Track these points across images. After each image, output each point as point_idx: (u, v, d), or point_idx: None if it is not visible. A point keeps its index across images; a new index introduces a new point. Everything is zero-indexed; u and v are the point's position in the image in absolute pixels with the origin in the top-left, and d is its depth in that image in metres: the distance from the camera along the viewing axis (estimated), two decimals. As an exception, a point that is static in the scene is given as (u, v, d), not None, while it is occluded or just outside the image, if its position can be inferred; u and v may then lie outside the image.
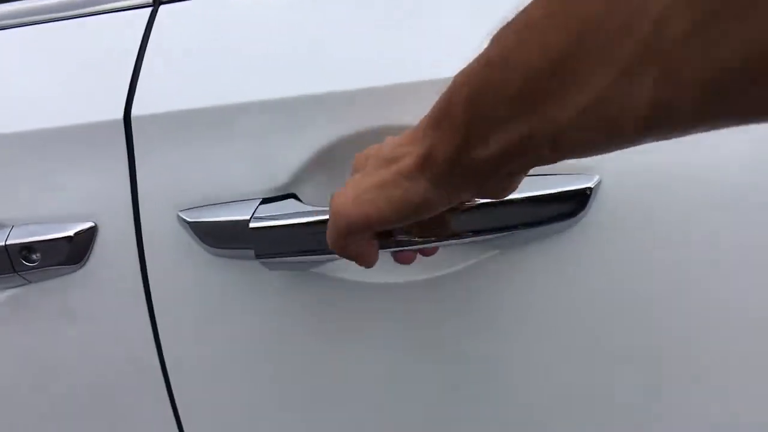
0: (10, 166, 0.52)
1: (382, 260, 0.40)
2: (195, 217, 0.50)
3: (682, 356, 0.50)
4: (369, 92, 0.48)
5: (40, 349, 0.55)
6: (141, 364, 0.54)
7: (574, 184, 0.46)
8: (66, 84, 0.53)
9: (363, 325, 0.53)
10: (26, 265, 0.52)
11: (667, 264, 0.48)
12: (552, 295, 0.50)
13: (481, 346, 0.52)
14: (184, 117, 0.50)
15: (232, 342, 0.54)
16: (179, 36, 0.54)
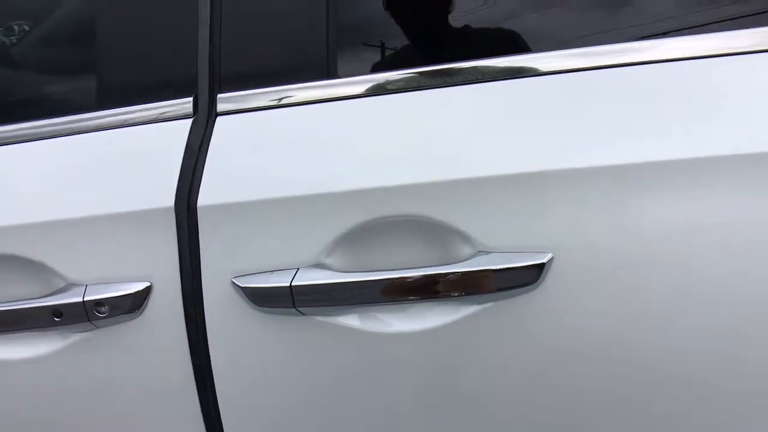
0: (83, 241, 0.62)
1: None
2: (246, 282, 0.59)
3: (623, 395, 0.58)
4: (365, 192, 0.57)
5: (104, 380, 0.65)
6: (178, 396, 0.64)
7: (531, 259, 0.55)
8: (129, 179, 0.64)
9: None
10: (98, 316, 0.61)
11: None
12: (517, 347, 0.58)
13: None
14: (237, 206, 0.60)
15: (270, 377, 0.63)
16: (233, 138, 0.64)
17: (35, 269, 0.63)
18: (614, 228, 0.54)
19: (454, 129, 0.58)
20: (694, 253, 0.53)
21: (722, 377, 0.55)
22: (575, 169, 0.54)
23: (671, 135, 0.54)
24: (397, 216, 0.57)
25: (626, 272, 0.54)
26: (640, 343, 0.55)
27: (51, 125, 0.68)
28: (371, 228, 0.58)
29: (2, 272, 0.64)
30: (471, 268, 0.55)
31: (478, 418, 0.60)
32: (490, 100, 0.59)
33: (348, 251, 0.59)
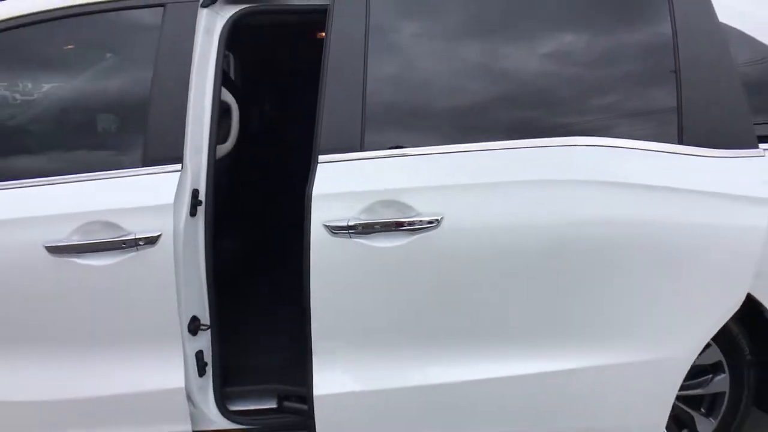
0: (135, 216, 1.52)
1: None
2: (330, 223, 1.47)
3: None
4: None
5: (141, 276, 1.53)
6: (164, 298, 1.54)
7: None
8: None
9: None
10: (139, 245, 1.52)
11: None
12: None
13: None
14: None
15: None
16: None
17: (114, 227, 1.51)
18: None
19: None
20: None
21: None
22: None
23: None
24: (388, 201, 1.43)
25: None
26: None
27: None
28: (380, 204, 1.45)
29: (101, 227, 1.51)
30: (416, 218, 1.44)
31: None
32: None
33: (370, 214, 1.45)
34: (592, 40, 1.59)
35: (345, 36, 1.56)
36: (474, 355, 1.56)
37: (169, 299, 1.55)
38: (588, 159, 1.50)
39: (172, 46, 1.60)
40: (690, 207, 1.49)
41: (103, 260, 1.52)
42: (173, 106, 1.58)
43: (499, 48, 1.60)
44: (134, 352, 1.59)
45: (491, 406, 1.60)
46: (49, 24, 1.65)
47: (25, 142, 1.67)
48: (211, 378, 1.71)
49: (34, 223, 1.51)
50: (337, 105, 1.53)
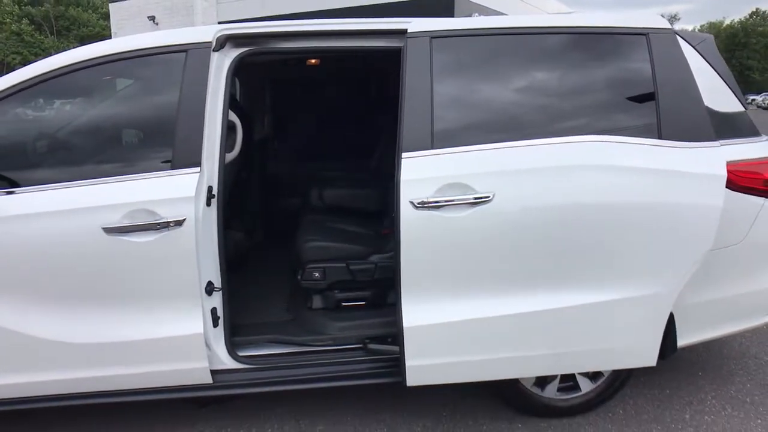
0: (167, 205, 2.11)
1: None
2: (416, 200, 2.06)
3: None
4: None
5: (170, 251, 2.12)
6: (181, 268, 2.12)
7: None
8: None
9: None
10: (170, 226, 2.10)
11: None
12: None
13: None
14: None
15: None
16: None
17: (152, 213, 2.08)
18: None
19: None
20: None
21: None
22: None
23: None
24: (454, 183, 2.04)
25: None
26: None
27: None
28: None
29: (143, 213, 2.08)
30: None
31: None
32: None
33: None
34: (598, 75, 2.29)
35: (416, 69, 2.15)
36: (517, 294, 2.12)
37: (191, 266, 2.11)
38: (596, 150, 2.09)
39: (193, 80, 2.18)
40: (669, 181, 2.09)
41: (144, 237, 2.09)
42: (193, 124, 2.15)
43: (531, 76, 2.25)
44: (166, 307, 2.15)
45: (532, 332, 2.17)
46: (106, 65, 2.24)
47: (84, 151, 2.26)
48: (222, 329, 2.27)
49: (93, 211, 2.09)
50: (412, 118, 2.11)
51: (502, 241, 2.09)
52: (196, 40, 2.21)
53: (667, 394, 2.73)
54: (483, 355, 2.18)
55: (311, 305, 2.58)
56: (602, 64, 2.26)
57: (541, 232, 2.08)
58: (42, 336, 2.11)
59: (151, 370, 2.18)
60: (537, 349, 2.19)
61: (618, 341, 2.22)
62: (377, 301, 2.60)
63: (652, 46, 2.23)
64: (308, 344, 2.39)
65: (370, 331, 2.42)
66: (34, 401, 2.19)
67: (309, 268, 2.53)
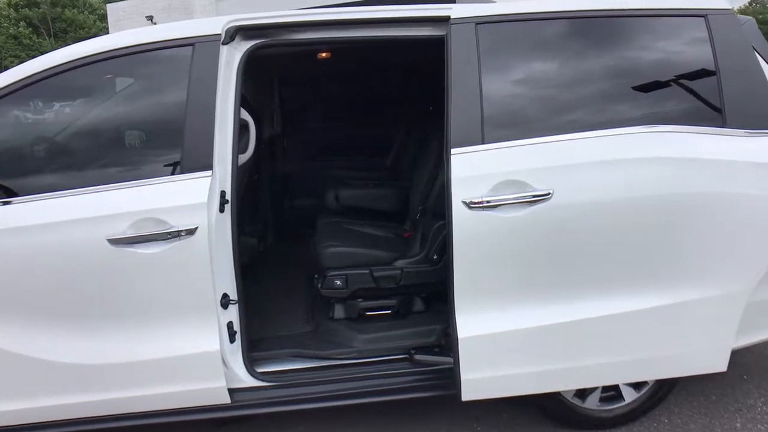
0: (177, 213, 1.93)
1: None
2: (468, 200, 1.89)
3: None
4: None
5: (184, 260, 1.94)
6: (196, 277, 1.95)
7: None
8: None
9: None
10: (181, 235, 1.92)
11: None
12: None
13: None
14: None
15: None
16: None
17: (161, 222, 1.91)
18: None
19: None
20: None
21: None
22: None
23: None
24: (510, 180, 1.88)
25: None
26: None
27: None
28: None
29: (150, 222, 1.90)
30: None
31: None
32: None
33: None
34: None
35: (461, 58, 1.97)
36: (583, 298, 1.96)
37: (205, 279, 1.95)
38: (663, 140, 1.93)
39: (201, 77, 2.00)
40: (742, 172, 1.94)
41: (153, 249, 1.91)
42: (203, 124, 1.98)
43: (585, 62, 2.07)
44: (178, 323, 1.99)
45: (596, 339, 2.00)
46: (106, 62, 2.06)
47: (86, 156, 2.08)
48: (239, 344, 2.10)
49: (97, 221, 1.92)
50: (460, 110, 1.94)
51: (563, 241, 1.93)
52: (204, 33, 2.03)
53: (713, 400, 2.56)
54: (544, 366, 2.01)
55: (333, 315, 2.41)
56: (660, 48, 2.08)
57: (606, 230, 1.92)
58: (44, 358, 1.95)
59: (164, 392, 2.01)
60: (601, 357, 2.03)
61: (688, 346, 2.06)
62: (403, 309, 2.43)
63: (711, 27, 2.06)
64: (333, 358, 2.22)
65: (400, 342, 2.25)
66: (37, 428, 2.02)
67: (330, 275, 2.36)
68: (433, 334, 2.25)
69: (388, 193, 3.09)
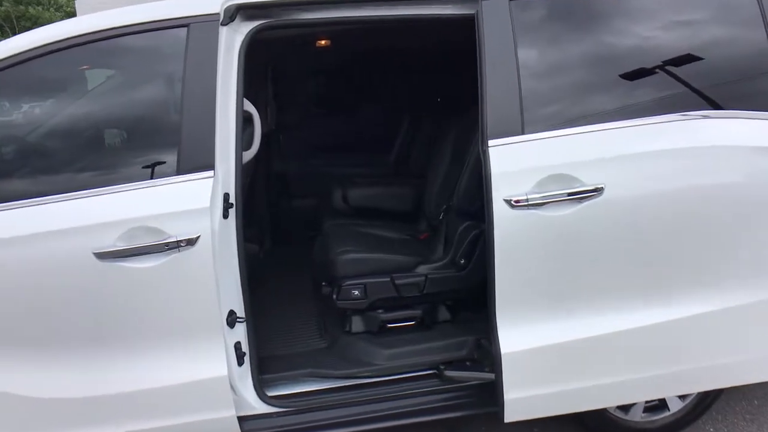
0: (176, 220, 1.66)
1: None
2: (510, 198, 1.66)
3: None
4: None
5: (183, 273, 1.68)
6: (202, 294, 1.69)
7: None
8: None
9: None
10: (180, 246, 1.65)
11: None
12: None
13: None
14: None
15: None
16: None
17: (156, 231, 1.64)
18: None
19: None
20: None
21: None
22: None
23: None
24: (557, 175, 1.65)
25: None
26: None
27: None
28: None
29: (144, 232, 1.64)
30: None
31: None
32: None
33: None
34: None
35: (495, 38, 1.74)
36: (637, 305, 1.76)
37: (209, 295, 1.69)
38: (731, 127, 1.73)
39: (198, 63, 1.73)
40: None
41: (148, 262, 1.65)
42: (203, 117, 1.72)
43: (637, 38, 1.83)
44: (180, 346, 1.73)
45: (652, 349, 1.80)
46: (73, 48, 1.77)
47: (68, 157, 1.80)
48: (249, 367, 1.85)
49: (81, 233, 1.64)
50: (497, 97, 1.71)
51: (617, 242, 1.72)
52: (200, 12, 1.76)
53: (756, 405, 2.39)
54: (595, 381, 1.81)
55: (350, 329, 2.17)
56: (727, 16, 1.86)
57: (665, 229, 1.72)
58: (24, 394, 1.67)
59: (165, 425, 1.75)
60: (658, 367, 1.83)
61: (748, 352, 1.87)
62: (428, 319, 2.20)
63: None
64: (352, 377, 1.98)
65: (427, 357, 2.02)
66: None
67: (346, 285, 2.12)
68: (464, 346, 2.03)
69: (400, 191, 2.84)
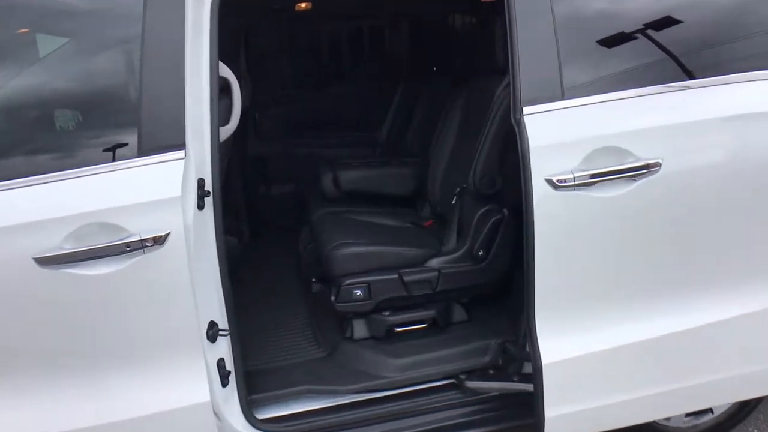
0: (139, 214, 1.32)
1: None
2: (552, 177, 1.38)
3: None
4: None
5: (148, 278, 1.33)
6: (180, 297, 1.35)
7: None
8: None
9: None
10: (146, 245, 1.30)
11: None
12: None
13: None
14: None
15: None
16: None
17: (114, 228, 1.30)
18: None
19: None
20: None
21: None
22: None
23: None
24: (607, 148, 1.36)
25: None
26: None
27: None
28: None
29: (98, 230, 1.30)
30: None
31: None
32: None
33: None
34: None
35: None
36: (700, 301, 1.52)
37: (184, 305, 1.37)
38: None
39: (161, 17, 1.38)
40: None
41: (105, 268, 1.31)
42: (168, 83, 1.37)
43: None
44: (150, 369, 1.40)
45: (718, 348, 1.56)
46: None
47: None
48: (235, 387, 1.54)
49: (17, 233, 1.29)
50: (530, 54, 1.41)
51: (676, 228, 1.47)
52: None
53: (799, 402, 2.18)
54: (649, 390, 1.55)
55: (351, 335, 1.86)
56: None
57: (735, 210, 1.48)
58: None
59: (135, 465, 1.44)
60: (722, 371, 1.59)
61: None
62: (442, 321, 1.90)
63: None
64: (358, 392, 1.69)
65: (446, 366, 1.73)
66: None
67: (346, 284, 1.80)
68: (486, 351, 1.75)
69: (399, 173, 2.52)
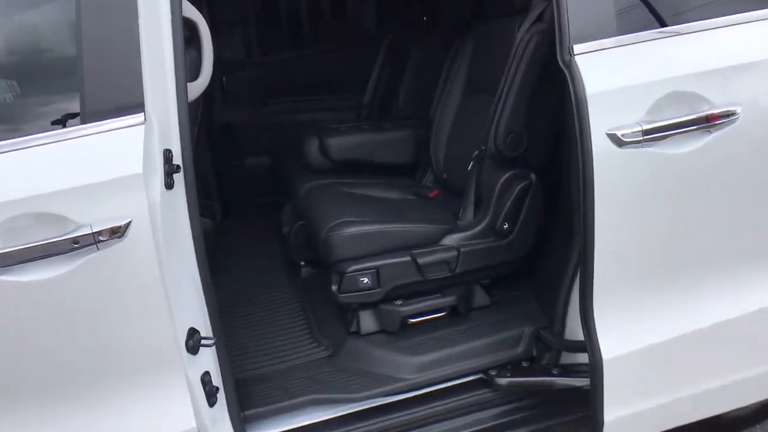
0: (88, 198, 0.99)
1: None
2: (614, 132, 1.13)
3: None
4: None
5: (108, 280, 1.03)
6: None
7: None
8: None
9: None
10: (101, 240, 0.99)
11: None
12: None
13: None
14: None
15: None
16: None
17: (56, 219, 0.99)
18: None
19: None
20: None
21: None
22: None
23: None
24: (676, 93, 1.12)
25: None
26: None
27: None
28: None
29: (34, 222, 0.99)
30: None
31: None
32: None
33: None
34: None
35: None
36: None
37: (155, 310, 1.07)
38: None
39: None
40: None
41: (46, 272, 1.00)
42: (116, 26, 1.04)
43: None
44: (117, 394, 1.11)
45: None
46: None
47: None
48: (225, 404, 1.26)
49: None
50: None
51: (754, 189, 1.24)
52: None
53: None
54: (722, 379, 1.33)
55: (358, 329, 1.58)
56: None
57: None
58: None
59: None
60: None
61: None
62: (464, 307, 1.63)
63: None
64: (372, 398, 1.42)
65: (473, 362, 1.48)
66: None
67: (350, 271, 1.51)
68: (518, 342, 1.50)
69: (397, 137, 2.21)
